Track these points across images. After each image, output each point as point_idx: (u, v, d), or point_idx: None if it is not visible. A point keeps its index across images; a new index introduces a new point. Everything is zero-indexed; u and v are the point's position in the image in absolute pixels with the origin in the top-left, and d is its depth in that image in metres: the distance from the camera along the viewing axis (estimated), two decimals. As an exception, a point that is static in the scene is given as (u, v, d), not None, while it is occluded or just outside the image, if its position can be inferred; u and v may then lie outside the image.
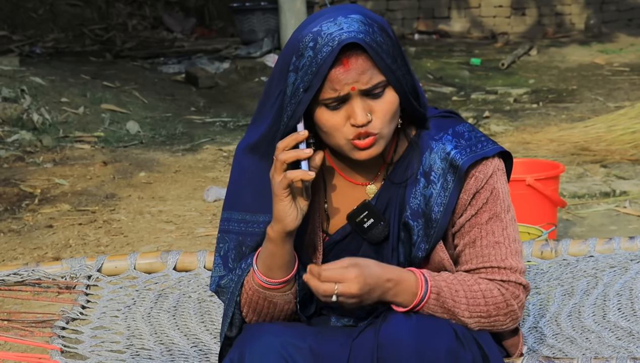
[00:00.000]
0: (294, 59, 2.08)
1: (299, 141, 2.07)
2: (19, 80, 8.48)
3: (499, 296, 2.16)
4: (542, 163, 5.03)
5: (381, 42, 2.07)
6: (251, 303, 2.19)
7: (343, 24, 2.06)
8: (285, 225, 2.10)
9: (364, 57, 2.06)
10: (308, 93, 2.06)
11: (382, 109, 2.09)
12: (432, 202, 2.16)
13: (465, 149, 2.16)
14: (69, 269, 2.85)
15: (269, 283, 2.16)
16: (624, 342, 2.48)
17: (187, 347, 2.53)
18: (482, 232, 2.17)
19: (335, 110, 2.09)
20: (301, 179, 2.06)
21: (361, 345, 2.10)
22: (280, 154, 2.06)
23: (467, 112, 8.25)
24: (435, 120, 2.21)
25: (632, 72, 10.55)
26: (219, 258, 2.25)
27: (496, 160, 2.19)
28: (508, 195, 2.21)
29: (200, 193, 6.01)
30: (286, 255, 2.14)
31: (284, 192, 2.08)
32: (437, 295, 2.12)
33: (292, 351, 2.08)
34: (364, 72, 2.06)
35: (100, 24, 13.01)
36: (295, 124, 2.09)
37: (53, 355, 2.32)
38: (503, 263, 2.17)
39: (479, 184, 2.16)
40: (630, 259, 2.92)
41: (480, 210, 2.17)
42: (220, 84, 9.94)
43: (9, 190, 6.13)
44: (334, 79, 2.05)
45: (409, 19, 13.67)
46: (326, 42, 2.04)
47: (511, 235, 2.19)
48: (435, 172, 2.16)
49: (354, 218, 2.20)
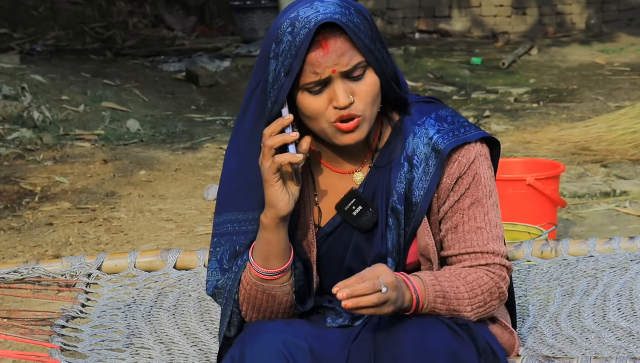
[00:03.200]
0: (274, 46, 2.09)
1: (284, 126, 2.08)
2: (19, 78, 8.47)
3: (490, 281, 2.18)
4: (543, 162, 5.02)
5: (358, 23, 2.09)
6: (250, 299, 2.18)
7: (319, 7, 2.08)
8: (278, 210, 2.10)
9: (343, 38, 2.07)
10: (289, 77, 2.07)
11: (364, 91, 2.11)
12: (414, 186, 2.17)
13: (448, 133, 2.17)
14: (69, 267, 2.85)
15: (267, 274, 2.16)
16: (624, 342, 2.48)
17: (187, 346, 2.53)
18: (464, 217, 2.19)
19: (317, 94, 2.10)
20: (289, 161, 2.07)
21: (359, 347, 2.10)
22: (267, 140, 2.08)
23: (467, 111, 8.24)
24: (418, 106, 2.23)
25: (632, 71, 10.54)
26: (215, 263, 2.25)
27: (479, 145, 2.19)
28: (491, 180, 2.22)
29: (200, 192, 6.01)
30: (281, 243, 2.14)
31: (274, 176, 2.09)
32: (443, 299, 2.13)
33: (293, 350, 2.08)
34: (343, 53, 2.07)
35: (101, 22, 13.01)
36: (279, 110, 2.10)
37: (53, 354, 2.32)
38: (485, 247, 2.19)
39: (462, 169, 2.17)
40: (630, 259, 2.92)
41: (462, 195, 2.18)
42: (221, 83, 9.94)
43: (9, 187, 6.13)
44: (314, 62, 2.07)
45: (410, 18, 13.67)
46: (303, 25, 2.06)
47: (492, 220, 2.21)
48: (418, 156, 2.17)
49: (342, 207, 2.20)
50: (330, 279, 2.24)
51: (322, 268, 2.25)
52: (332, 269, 2.25)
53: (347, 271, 2.23)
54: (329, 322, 2.22)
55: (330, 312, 2.23)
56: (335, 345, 2.11)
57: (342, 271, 2.24)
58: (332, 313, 2.23)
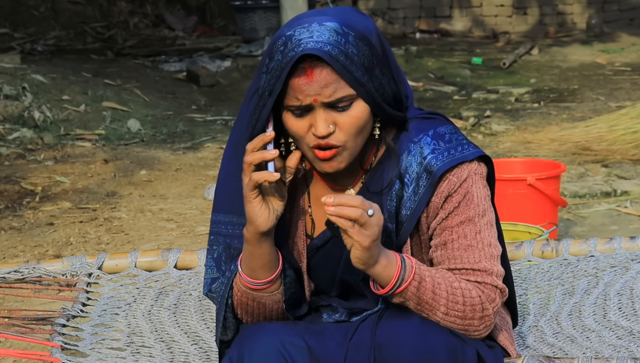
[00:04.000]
0: (267, 61, 2.06)
1: (265, 142, 2.05)
2: (20, 78, 8.48)
3: (477, 297, 2.10)
4: (543, 162, 5.02)
5: (352, 54, 2.02)
6: (242, 305, 2.19)
7: (315, 31, 2.02)
8: (258, 226, 2.08)
9: (329, 69, 2.02)
10: (271, 97, 2.04)
11: (347, 123, 2.06)
12: (402, 204, 2.13)
13: (443, 153, 2.12)
14: (70, 267, 2.85)
15: (254, 284, 2.15)
16: (625, 342, 2.48)
17: (188, 345, 2.53)
18: (452, 234, 2.12)
19: (300, 117, 2.07)
20: (266, 180, 2.04)
21: (358, 345, 2.09)
22: (246, 156, 2.06)
23: (468, 111, 8.24)
24: (416, 122, 2.17)
25: (633, 71, 10.55)
26: (211, 260, 2.25)
27: (474, 164, 2.14)
28: (486, 199, 2.15)
29: (201, 192, 6.01)
30: (266, 256, 2.12)
31: (252, 193, 2.06)
32: (418, 284, 2.06)
33: (291, 350, 2.07)
34: (327, 85, 2.02)
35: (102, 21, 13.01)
36: (262, 127, 2.08)
37: (53, 353, 2.32)
38: (477, 265, 2.11)
39: (451, 188, 2.12)
40: (631, 259, 2.92)
41: (451, 213, 2.12)
42: (222, 82, 9.94)
43: (10, 187, 6.14)
44: (296, 88, 2.03)
45: (411, 18, 13.67)
46: (292, 48, 2.01)
47: (485, 239, 2.13)
48: (410, 174, 2.13)
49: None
50: (324, 287, 2.25)
51: (315, 277, 2.24)
52: (324, 279, 2.24)
53: (340, 282, 2.23)
54: (325, 317, 2.21)
55: (326, 309, 2.23)
56: (333, 343, 2.11)
57: (334, 282, 2.24)
58: (328, 309, 2.22)
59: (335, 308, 2.21)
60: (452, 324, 2.09)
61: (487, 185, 2.17)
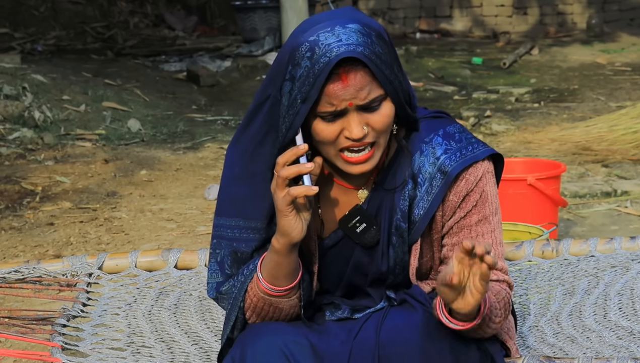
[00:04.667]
0: (290, 68, 2.05)
1: (299, 155, 2.05)
2: (20, 78, 8.48)
3: (506, 296, 2.16)
4: (544, 162, 5.02)
5: (380, 53, 2.04)
6: (255, 309, 2.18)
7: (341, 35, 2.02)
8: (292, 238, 2.08)
9: (363, 72, 2.03)
10: (306, 104, 2.04)
11: (379, 122, 2.08)
12: (415, 204, 2.15)
13: (456, 153, 2.15)
14: (70, 267, 2.85)
15: (275, 290, 2.14)
16: (625, 342, 2.48)
17: (188, 345, 2.53)
18: (471, 233, 2.17)
19: (331, 122, 2.07)
20: (305, 194, 2.04)
21: (362, 344, 2.09)
22: (281, 170, 2.04)
23: (468, 111, 8.24)
24: (426, 121, 2.19)
25: (633, 71, 10.54)
26: (215, 264, 2.24)
27: (486, 162, 2.17)
28: (497, 197, 2.20)
29: (201, 192, 6.01)
30: (292, 264, 2.12)
31: (288, 208, 2.06)
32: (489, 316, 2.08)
33: (294, 349, 2.07)
34: (362, 87, 2.03)
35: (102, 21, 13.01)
36: (293, 136, 2.07)
37: (54, 353, 2.32)
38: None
39: (469, 187, 2.15)
40: (631, 259, 2.92)
41: (469, 212, 2.16)
42: (222, 82, 9.94)
43: (10, 187, 6.14)
44: (331, 94, 2.03)
45: (411, 18, 13.67)
46: (323, 53, 2.01)
47: (498, 238, 2.19)
48: (423, 175, 2.15)
49: (346, 223, 2.18)
50: (330, 288, 2.25)
51: (322, 277, 2.24)
52: (331, 280, 2.24)
53: (347, 283, 2.24)
54: (328, 315, 2.21)
55: (329, 306, 2.23)
56: (337, 342, 2.11)
57: (342, 282, 2.24)
58: (331, 307, 2.22)
59: (337, 305, 2.22)
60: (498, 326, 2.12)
61: (495, 183, 2.21)
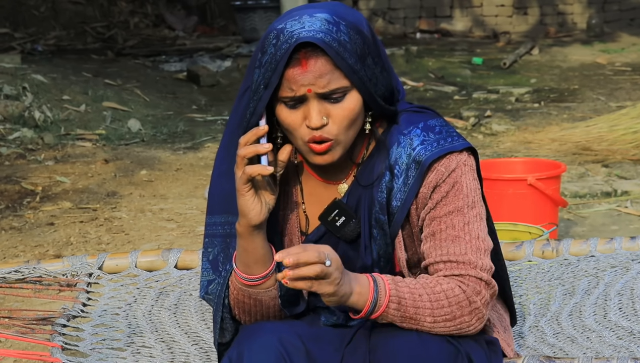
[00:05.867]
0: (259, 55, 2.08)
1: (259, 136, 2.07)
2: (20, 78, 8.48)
3: (461, 294, 2.08)
4: (544, 162, 5.02)
5: (345, 42, 2.03)
6: (239, 303, 2.19)
7: (306, 22, 2.04)
8: (250, 219, 2.09)
9: (324, 59, 2.03)
10: (267, 90, 2.06)
11: (339, 115, 2.07)
12: (392, 195, 2.14)
13: (432, 143, 2.13)
14: (70, 267, 2.85)
15: (249, 280, 2.15)
16: (625, 342, 2.48)
17: (188, 345, 2.53)
18: (441, 224, 2.12)
19: (294, 108, 2.08)
20: (259, 173, 2.06)
21: (353, 350, 2.09)
22: (240, 149, 2.07)
23: (468, 111, 8.24)
24: (407, 115, 2.18)
25: (633, 71, 10.55)
26: (207, 263, 2.25)
27: (463, 155, 2.14)
28: (476, 191, 2.15)
29: (201, 192, 6.01)
30: (259, 249, 2.13)
31: (245, 186, 2.08)
32: (397, 305, 2.06)
33: (290, 349, 2.08)
34: (321, 75, 2.04)
35: (102, 21, 13.02)
36: (257, 121, 2.09)
37: (54, 353, 2.32)
38: (462, 257, 2.10)
39: (439, 177, 2.12)
40: (631, 259, 2.92)
41: (439, 203, 2.12)
42: (222, 82, 9.95)
43: (10, 187, 6.14)
44: (290, 78, 2.04)
45: (411, 18, 13.67)
46: (285, 40, 2.03)
47: (474, 231, 2.12)
48: (400, 166, 2.13)
49: (325, 217, 2.19)
50: None
51: None
52: None
53: None
54: (323, 320, 2.21)
55: (324, 311, 2.23)
56: (331, 348, 2.11)
57: None
58: (326, 312, 2.22)
59: (332, 311, 2.21)
60: (444, 328, 2.08)
61: (477, 178, 2.17)
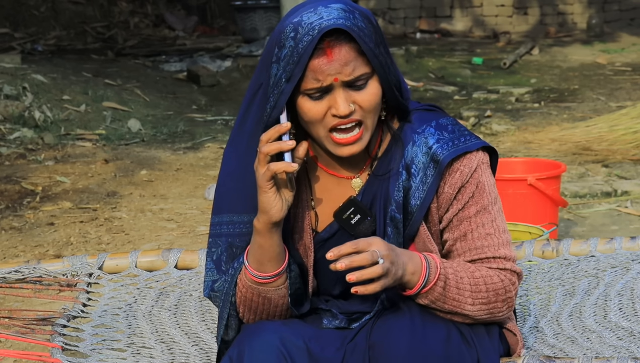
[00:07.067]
0: (276, 50, 2.08)
1: (281, 133, 2.07)
2: (20, 78, 8.48)
3: (499, 282, 2.16)
4: (544, 162, 5.02)
5: (363, 28, 2.06)
6: (246, 301, 2.18)
7: (323, 13, 2.06)
8: (271, 216, 2.10)
9: (348, 47, 2.06)
10: (290, 83, 2.06)
11: (366, 100, 2.09)
12: (410, 194, 2.16)
13: (448, 142, 2.16)
14: (70, 267, 2.85)
15: (261, 277, 2.15)
16: (625, 342, 2.48)
17: (188, 346, 2.53)
18: (471, 224, 2.18)
19: (318, 100, 2.09)
20: (284, 170, 2.06)
21: (354, 348, 2.10)
22: (263, 146, 2.07)
23: (468, 111, 8.24)
24: (418, 113, 2.21)
25: (634, 71, 10.54)
26: (211, 263, 2.25)
27: (480, 153, 2.18)
28: (494, 187, 2.22)
29: (201, 192, 6.01)
30: (275, 247, 2.13)
31: (268, 184, 2.08)
32: (443, 284, 2.11)
33: (291, 348, 2.08)
34: (347, 63, 2.06)
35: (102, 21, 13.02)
36: (278, 115, 2.09)
37: (54, 353, 2.32)
38: (497, 253, 2.18)
39: (464, 178, 2.16)
40: (631, 259, 2.91)
41: (467, 204, 2.17)
42: (222, 82, 9.94)
43: (10, 187, 6.14)
44: (316, 69, 2.05)
45: (411, 18, 13.67)
46: (307, 31, 2.04)
47: (500, 226, 2.20)
48: (416, 165, 2.16)
49: (340, 215, 2.19)
50: (327, 283, 2.25)
51: (319, 272, 2.24)
52: (328, 274, 2.24)
53: (343, 278, 2.23)
54: (325, 323, 2.21)
55: (327, 314, 2.23)
56: (332, 348, 2.11)
57: (339, 276, 2.23)
58: (329, 315, 2.22)
59: (335, 314, 2.22)
60: (479, 312, 2.15)
61: (492, 174, 2.23)
